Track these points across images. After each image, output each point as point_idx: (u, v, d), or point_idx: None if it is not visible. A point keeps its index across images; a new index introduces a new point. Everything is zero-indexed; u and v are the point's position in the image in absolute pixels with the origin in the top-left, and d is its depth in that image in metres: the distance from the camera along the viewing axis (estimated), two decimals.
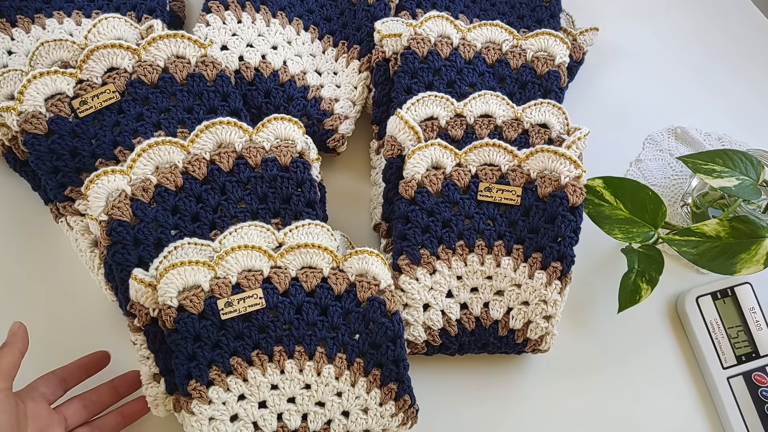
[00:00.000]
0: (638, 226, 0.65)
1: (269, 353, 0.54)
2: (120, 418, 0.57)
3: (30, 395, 0.52)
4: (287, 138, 0.61)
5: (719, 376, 0.66)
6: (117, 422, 0.57)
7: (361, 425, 0.55)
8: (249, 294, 0.53)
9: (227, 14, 0.70)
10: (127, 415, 0.57)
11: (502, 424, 0.64)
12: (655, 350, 0.69)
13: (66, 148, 0.60)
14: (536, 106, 0.65)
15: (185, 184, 0.58)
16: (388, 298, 0.55)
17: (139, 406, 0.58)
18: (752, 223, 0.62)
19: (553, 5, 0.79)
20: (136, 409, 0.58)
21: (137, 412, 0.58)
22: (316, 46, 0.74)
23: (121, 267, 0.55)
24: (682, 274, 0.73)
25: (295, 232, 0.58)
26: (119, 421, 0.57)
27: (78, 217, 0.61)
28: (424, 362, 0.64)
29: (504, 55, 0.69)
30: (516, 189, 0.61)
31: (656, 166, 0.78)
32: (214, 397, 0.53)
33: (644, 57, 0.86)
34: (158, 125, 0.62)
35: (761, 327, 0.68)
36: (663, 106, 0.83)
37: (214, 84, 0.64)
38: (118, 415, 0.57)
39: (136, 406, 0.58)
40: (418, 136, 0.62)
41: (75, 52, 0.62)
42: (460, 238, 0.61)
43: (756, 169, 0.65)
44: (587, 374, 0.67)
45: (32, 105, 0.59)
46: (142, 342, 0.55)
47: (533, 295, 0.61)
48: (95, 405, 0.56)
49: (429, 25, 0.67)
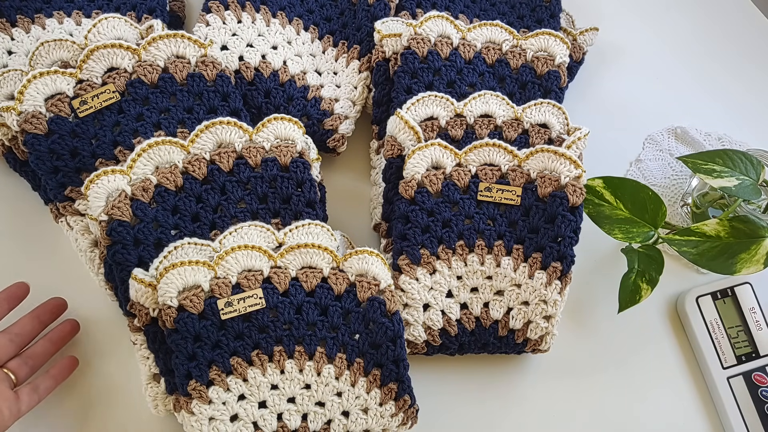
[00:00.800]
0: (638, 226, 0.65)
1: (269, 353, 0.54)
2: (49, 344, 0.57)
3: None
4: (287, 138, 0.61)
5: (719, 376, 0.66)
6: (46, 349, 0.57)
7: (361, 425, 0.55)
8: (249, 294, 0.53)
9: (227, 14, 0.71)
10: (56, 341, 0.57)
11: (502, 424, 0.64)
12: (655, 350, 0.69)
13: (66, 148, 0.60)
14: (536, 106, 0.65)
15: (185, 184, 0.58)
16: (388, 298, 0.55)
17: (67, 329, 0.57)
18: (752, 223, 0.62)
19: (553, 5, 0.79)
20: (64, 332, 0.57)
21: (65, 335, 0.58)
22: (316, 46, 0.74)
23: (121, 267, 0.55)
24: (682, 274, 0.73)
25: (295, 232, 0.58)
26: (48, 347, 0.57)
27: (78, 217, 0.61)
28: (424, 362, 0.64)
29: (504, 55, 0.69)
30: (516, 189, 0.61)
31: (656, 166, 0.78)
32: (214, 397, 0.53)
33: (644, 57, 0.86)
34: (158, 125, 0.62)
35: (761, 327, 0.68)
36: (663, 106, 0.83)
37: (214, 84, 0.64)
38: (47, 342, 0.57)
39: (63, 329, 0.58)
40: (418, 136, 0.62)
41: (75, 52, 0.62)
42: (460, 238, 0.61)
43: (756, 169, 0.65)
44: (587, 374, 0.67)
45: (32, 105, 0.59)
46: (142, 342, 0.55)
47: (533, 295, 0.61)
48: (21, 336, 0.55)
49: (429, 25, 0.67)
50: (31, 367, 0.55)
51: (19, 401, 0.53)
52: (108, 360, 0.61)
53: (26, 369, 0.55)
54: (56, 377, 0.57)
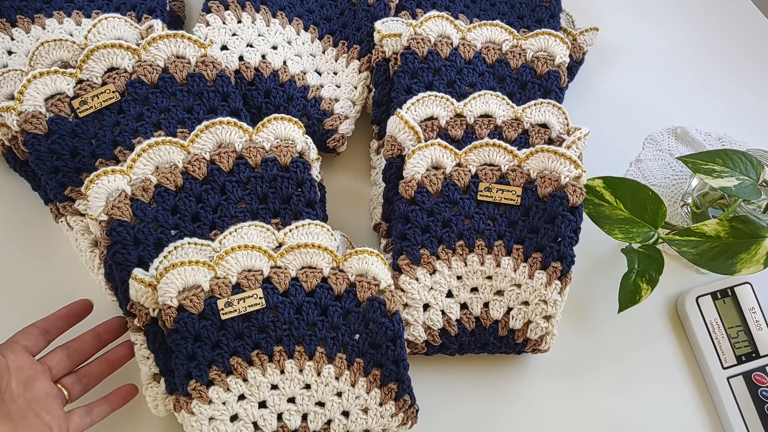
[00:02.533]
0: (638, 226, 0.65)
1: (269, 353, 0.54)
2: (105, 365, 0.56)
3: (10, 348, 0.51)
4: (287, 138, 0.61)
5: (719, 376, 0.66)
6: (102, 369, 0.56)
7: (361, 425, 0.55)
8: (249, 294, 0.53)
9: (227, 14, 0.71)
10: (111, 362, 0.56)
11: (502, 424, 0.64)
12: (655, 350, 0.69)
13: (66, 148, 0.60)
14: (536, 106, 0.65)
15: (185, 184, 0.58)
16: (388, 298, 0.55)
17: (124, 352, 0.57)
18: (752, 223, 0.62)
19: (553, 5, 0.79)
20: (120, 354, 0.57)
21: (122, 357, 0.57)
22: (316, 46, 0.74)
23: (121, 267, 0.55)
24: (682, 274, 0.73)
25: (295, 232, 0.58)
26: (104, 368, 0.56)
27: (78, 217, 0.61)
28: (424, 362, 0.64)
29: (504, 55, 0.69)
30: (516, 189, 0.61)
31: (656, 166, 0.78)
32: (214, 397, 0.53)
33: (644, 57, 0.86)
34: (158, 125, 0.62)
35: (761, 327, 0.68)
36: (663, 106, 0.83)
37: (214, 84, 0.64)
38: (103, 362, 0.56)
39: (120, 351, 0.57)
40: (418, 136, 0.62)
41: (75, 52, 0.62)
42: (460, 238, 0.61)
43: (756, 169, 0.65)
44: (587, 374, 0.67)
45: (32, 105, 0.59)
46: (142, 342, 0.55)
47: (533, 295, 0.61)
48: (79, 353, 0.55)
49: (429, 25, 0.67)
50: (84, 386, 0.54)
51: (69, 421, 0.51)
52: None
53: (80, 387, 0.54)
54: (113, 403, 0.55)
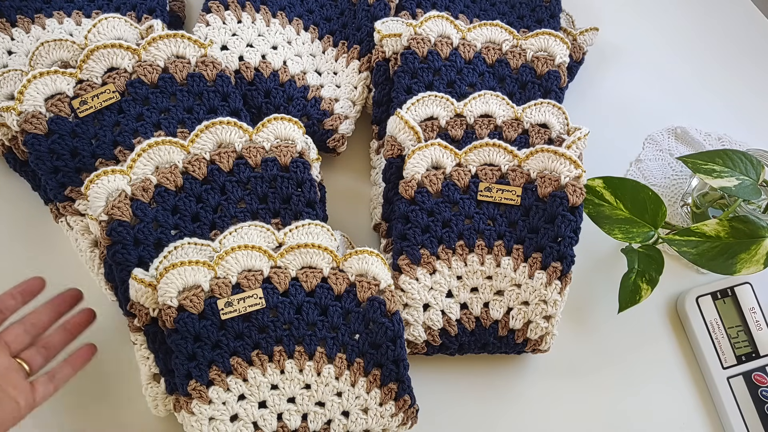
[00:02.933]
0: (638, 226, 0.65)
1: (269, 353, 0.54)
2: (64, 333, 0.55)
3: None
4: (287, 138, 0.61)
5: (719, 376, 0.66)
6: (62, 338, 0.55)
7: (361, 425, 0.55)
8: (249, 294, 0.53)
9: (227, 14, 0.70)
10: (71, 329, 0.56)
11: (502, 424, 0.64)
12: (655, 350, 0.69)
13: (66, 148, 0.60)
14: (536, 106, 0.65)
15: (185, 184, 0.58)
16: (388, 298, 0.55)
17: (83, 318, 0.56)
18: (752, 223, 0.62)
19: (553, 5, 0.79)
20: (79, 321, 0.56)
21: (81, 323, 0.56)
22: (316, 46, 0.74)
23: (121, 267, 0.55)
24: (682, 274, 0.73)
25: (295, 232, 0.58)
26: (64, 336, 0.55)
27: (78, 217, 0.61)
28: (424, 362, 0.64)
29: (504, 55, 0.69)
30: (516, 189, 0.61)
31: (656, 166, 0.78)
32: (214, 397, 0.53)
33: (644, 57, 0.86)
34: (158, 125, 0.62)
35: (761, 327, 0.68)
36: (663, 106, 0.83)
37: (214, 84, 0.64)
38: (62, 331, 0.55)
39: (78, 318, 0.56)
40: (418, 136, 0.62)
41: (75, 52, 0.62)
42: (460, 238, 0.61)
43: (756, 169, 0.65)
44: (587, 374, 0.67)
45: (32, 105, 0.59)
46: (142, 342, 0.55)
47: (533, 295, 0.61)
48: (36, 327, 0.54)
49: (429, 25, 0.67)
50: (45, 357, 0.54)
51: (35, 391, 0.51)
52: (108, 360, 0.61)
53: (40, 359, 0.53)
54: (74, 365, 0.55)
